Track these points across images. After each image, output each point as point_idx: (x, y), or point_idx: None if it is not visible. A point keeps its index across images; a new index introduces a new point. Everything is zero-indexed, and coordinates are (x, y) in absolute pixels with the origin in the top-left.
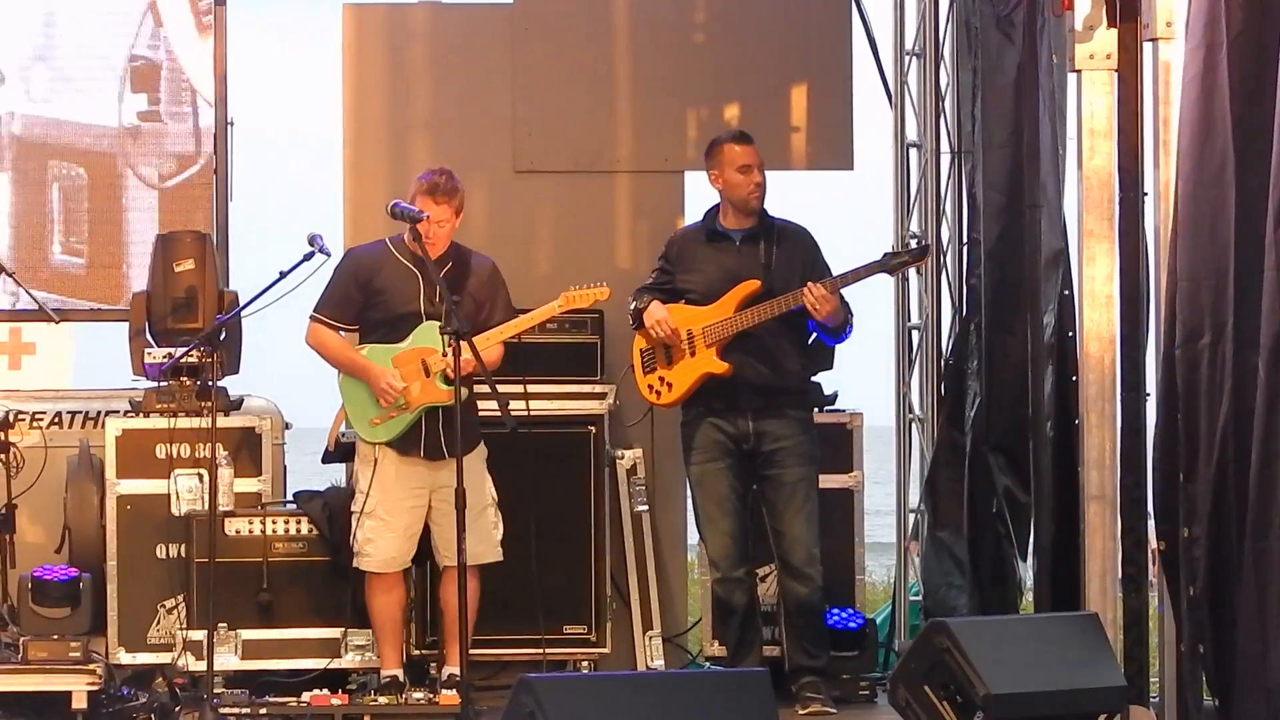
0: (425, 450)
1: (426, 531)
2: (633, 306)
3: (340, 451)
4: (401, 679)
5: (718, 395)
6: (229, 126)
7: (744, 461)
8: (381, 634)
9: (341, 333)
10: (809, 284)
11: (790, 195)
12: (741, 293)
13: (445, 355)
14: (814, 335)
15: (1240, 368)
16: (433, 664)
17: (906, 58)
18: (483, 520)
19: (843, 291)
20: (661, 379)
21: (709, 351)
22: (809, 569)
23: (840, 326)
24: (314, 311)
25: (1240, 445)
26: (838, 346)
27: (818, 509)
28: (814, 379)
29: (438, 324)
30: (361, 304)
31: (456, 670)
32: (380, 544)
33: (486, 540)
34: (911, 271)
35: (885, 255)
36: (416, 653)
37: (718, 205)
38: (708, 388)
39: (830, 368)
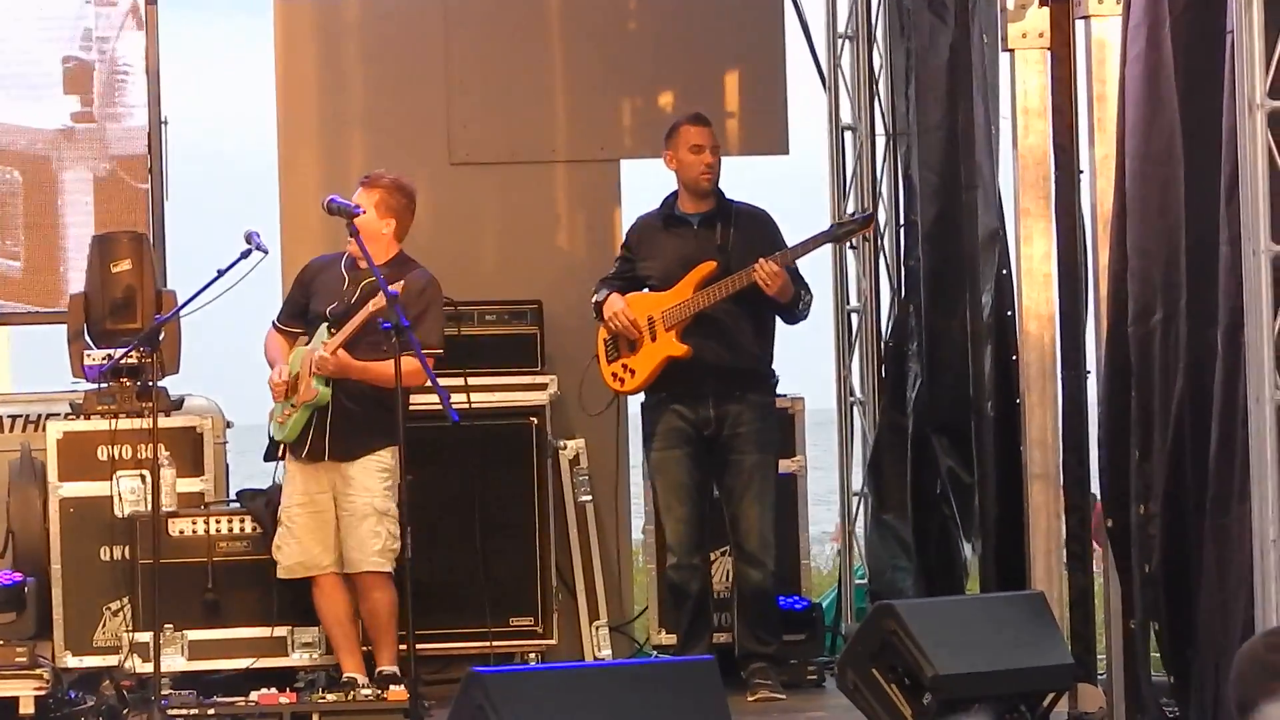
0: (307, 453)
1: None
2: (594, 299)
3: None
4: (363, 681)
5: (679, 380)
6: (163, 125)
7: (704, 448)
8: (331, 638)
9: (298, 336)
10: (760, 260)
11: (726, 181)
12: (698, 275)
13: (321, 353)
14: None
15: (1195, 343)
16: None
17: (839, 40)
18: (361, 528)
19: (801, 272)
20: (625, 366)
21: (669, 335)
22: (763, 555)
23: (793, 304)
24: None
25: (1198, 421)
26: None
27: (774, 495)
28: (773, 364)
29: (326, 325)
30: (302, 305)
31: (388, 668)
32: (285, 550)
33: (361, 549)
34: (849, 254)
35: (832, 225)
36: (365, 648)
37: (676, 192)
38: (670, 373)
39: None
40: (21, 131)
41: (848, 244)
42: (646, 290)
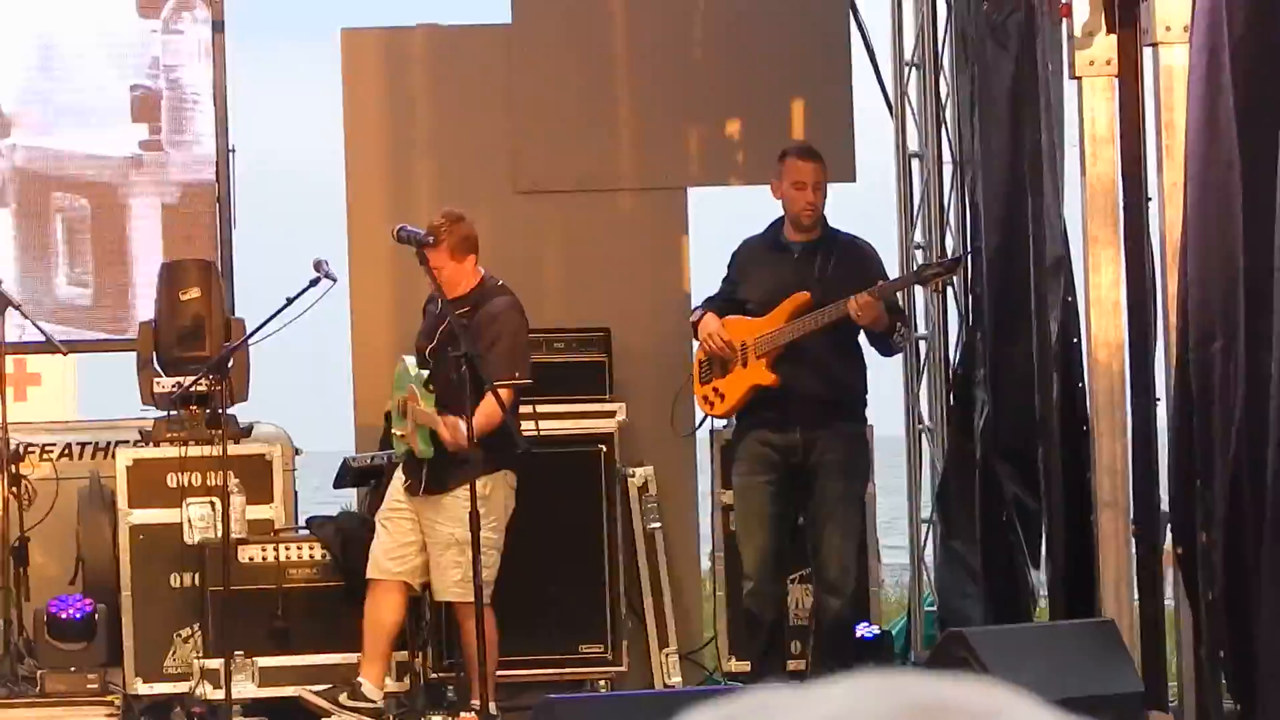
0: (409, 485)
1: None
2: (691, 318)
3: (352, 476)
4: (367, 692)
5: (769, 407)
6: (230, 153)
7: (789, 476)
8: (365, 641)
9: None
10: (853, 295)
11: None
12: (792, 304)
13: (423, 408)
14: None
15: (1253, 369)
16: (450, 688)
17: (906, 68)
18: (444, 558)
19: (899, 304)
20: (715, 389)
21: (759, 363)
22: (843, 584)
23: (888, 333)
24: None
25: (1255, 448)
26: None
27: (858, 525)
28: (866, 393)
29: (426, 375)
30: None
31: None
32: (375, 550)
33: (442, 578)
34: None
35: (920, 266)
36: (433, 676)
37: (783, 217)
38: (761, 399)
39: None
40: (90, 160)
41: (931, 287)
42: (744, 313)
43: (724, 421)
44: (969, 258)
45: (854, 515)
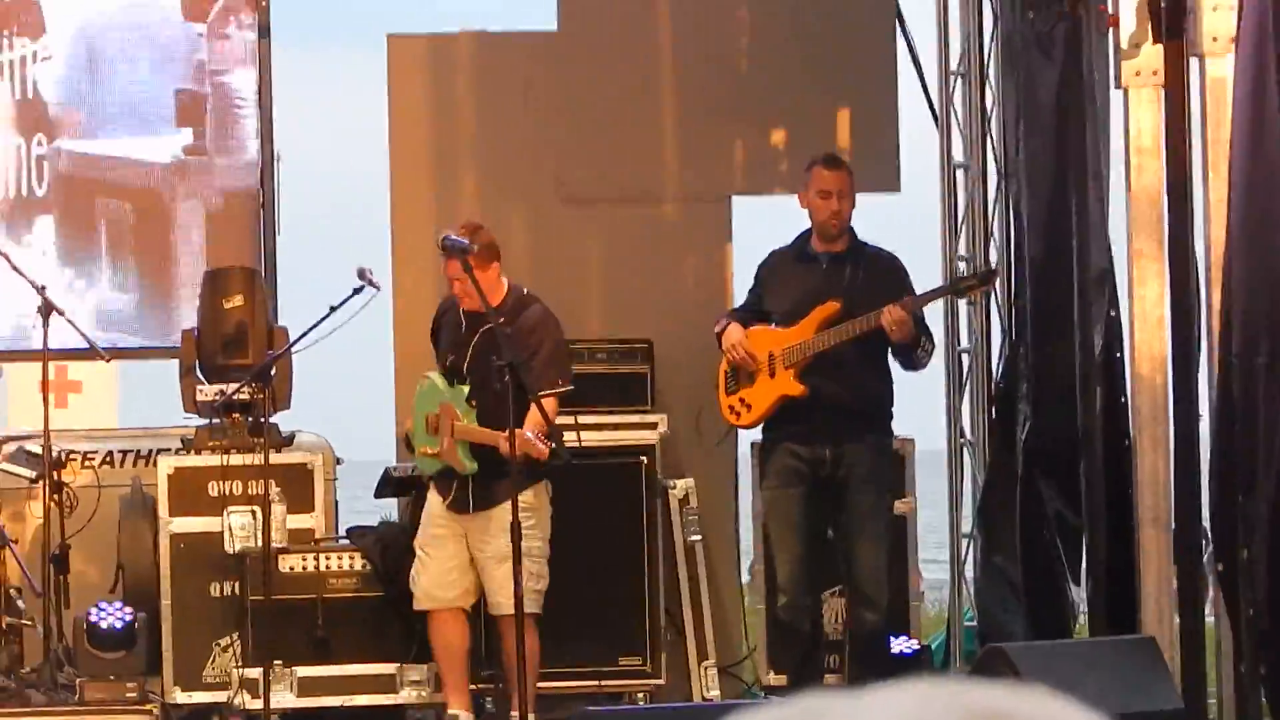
0: (452, 502)
1: None
2: (715, 329)
3: (393, 486)
4: (465, 718)
5: (796, 419)
6: (275, 160)
7: (818, 487)
8: (441, 672)
9: None
10: (887, 306)
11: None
12: (821, 315)
13: (465, 423)
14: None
15: None
16: (489, 699)
17: (951, 78)
18: (499, 572)
19: (924, 318)
20: (742, 400)
21: (787, 373)
22: (877, 596)
23: (913, 347)
24: None
25: None
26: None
27: (889, 536)
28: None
29: (466, 390)
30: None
31: (515, 715)
32: (420, 580)
33: (503, 591)
34: None
35: (954, 279)
36: (472, 688)
37: (810, 228)
38: (786, 411)
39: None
40: (134, 165)
41: (967, 299)
42: (771, 324)
43: (757, 433)
44: (1012, 270)
45: (884, 527)
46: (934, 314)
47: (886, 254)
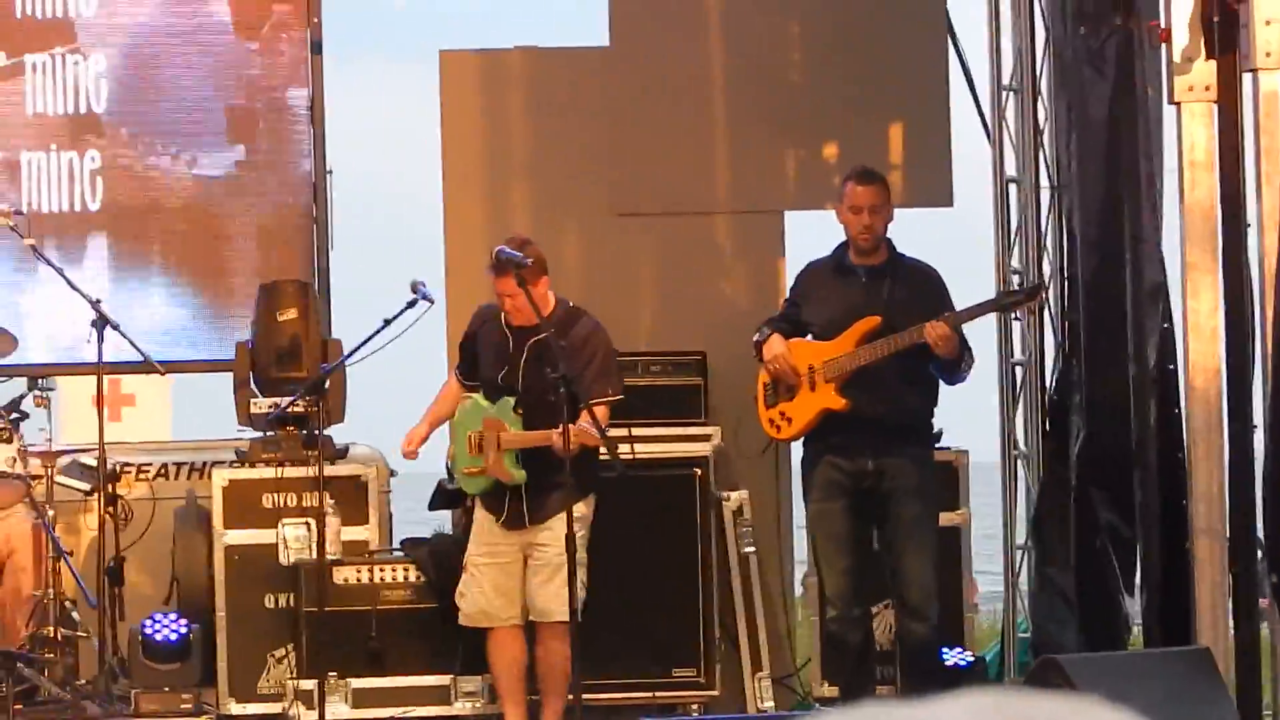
0: (506, 519)
1: None
2: (755, 339)
3: (446, 498)
4: None
5: (837, 432)
6: (328, 174)
7: (862, 500)
8: (499, 688)
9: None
10: (931, 322)
11: (889, 233)
12: (861, 329)
13: (514, 433)
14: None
15: None
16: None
17: (1004, 93)
18: (556, 580)
19: (964, 331)
20: (782, 413)
21: (828, 387)
22: (926, 608)
23: (956, 363)
24: None
25: None
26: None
27: (936, 547)
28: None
29: (512, 401)
30: (473, 358)
31: None
32: (469, 597)
33: (558, 598)
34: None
35: (999, 293)
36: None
37: (847, 241)
38: (828, 424)
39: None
40: (187, 180)
41: (1012, 314)
42: (809, 337)
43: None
44: (1065, 283)
45: (931, 539)
46: (987, 326)
47: (924, 267)
